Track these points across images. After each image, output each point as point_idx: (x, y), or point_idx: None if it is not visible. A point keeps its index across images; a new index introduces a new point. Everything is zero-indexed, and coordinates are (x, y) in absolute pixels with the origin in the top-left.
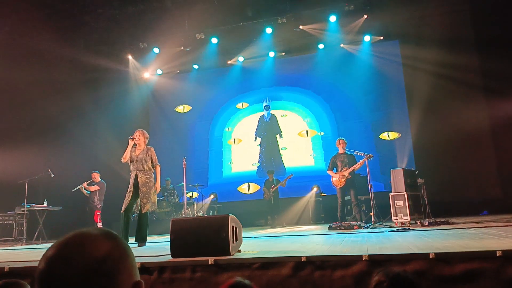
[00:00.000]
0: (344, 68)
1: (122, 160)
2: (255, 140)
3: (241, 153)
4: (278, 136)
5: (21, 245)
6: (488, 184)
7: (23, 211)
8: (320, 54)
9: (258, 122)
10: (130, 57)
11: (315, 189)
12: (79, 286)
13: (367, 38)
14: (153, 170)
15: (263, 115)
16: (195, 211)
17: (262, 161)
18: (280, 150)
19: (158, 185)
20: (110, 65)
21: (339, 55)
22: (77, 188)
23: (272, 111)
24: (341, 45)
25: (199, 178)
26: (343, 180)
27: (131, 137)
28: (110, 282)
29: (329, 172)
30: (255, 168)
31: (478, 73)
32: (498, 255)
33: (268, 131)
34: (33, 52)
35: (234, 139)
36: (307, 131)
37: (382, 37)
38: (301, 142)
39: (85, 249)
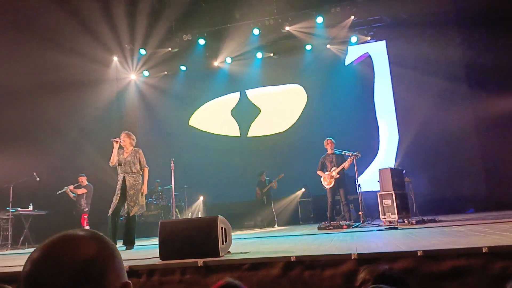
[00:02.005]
0: (331, 69)
1: (110, 164)
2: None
3: None
4: None
5: (6, 250)
6: (474, 182)
7: (8, 215)
8: (308, 55)
9: None
10: (116, 58)
11: (302, 190)
12: None
13: (353, 39)
14: (141, 173)
15: None
16: (184, 213)
17: None
18: None
19: (145, 187)
20: (96, 67)
21: (326, 56)
22: (62, 190)
23: None
24: (328, 46)
25: (189, 180)
26: (332, 180)
27: (114, 139)
28: (98, 284)
29: (318, 172)
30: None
31: (462, 70)
32: (484, 251)
33: None
34: (16, 54)
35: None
36: None
37: (369, 38)
38: None
39: (72, 251)
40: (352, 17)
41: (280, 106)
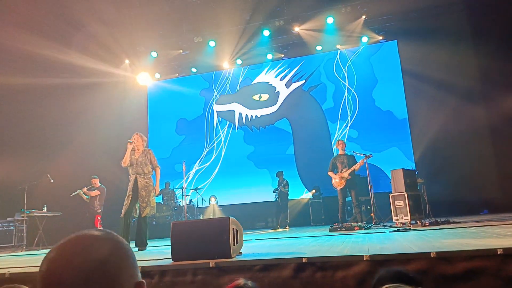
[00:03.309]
0: (342, 69)
1: (122, 165)
2: None
3: None
4: None
5: (21, 251)
6: (488, 183)
7: (23, 217)
8: (318, 56)
9: None
10: (127, 61)
11: (313, 191)
12: (81, 287)
13: (364, 39)
14: (152, 173)
15: None
16: (195, 215)
17: None
18: None
19: (157, 187)
20: (108, 70)
21: (337, 56)
22: (76, 193)
23: None
24: (339, 46)
25: (201, 181)
26: (343, 181)
27: (129, 140)
28: (112, 283)
29: (329, 173)
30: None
31: (476, 71)
32: (499, 253)
33: None
34: (29, 57)
35: None
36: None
37: (381, 37)
38: None
39: (86, 250)
40: (364, 17)
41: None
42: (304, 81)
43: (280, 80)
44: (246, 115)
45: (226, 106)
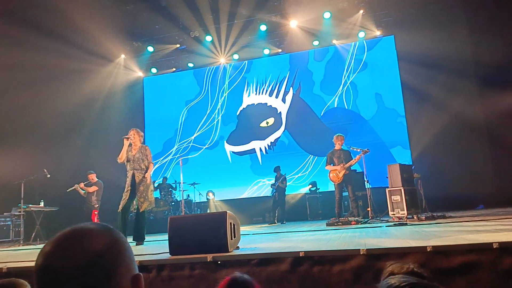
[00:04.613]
0: (339, 64)
1: (119, 160)
2: None
3: None
4: None
5: (19, 246)
6: (484, 178)
7: (20, 212)
8: (315, 51)
9: None
10: (123, 56)
11: (309, 186)
12: (78, 280)
13: (361, 34)
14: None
15: None
16: (193, 209)
17: None
18: None
19: (148, 176)
20: (104, 65)
21: (334, 51)
22: (72, 188)
23: None
24: (335, 42)
25: (197, 176)
26: (340, 175)
27: (125, 136)
28: (109, 276)
29: (327, 167)
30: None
31: (473, 67)
32: (494, 247)
33: None
34: (25, 54)
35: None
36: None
37: (378, 32)
38: None
39: (83, 243)
40: (362, 11)
41: None
42: (298, 88)
43: (275, 97)
44: (265, 146)
45: (244, 147)
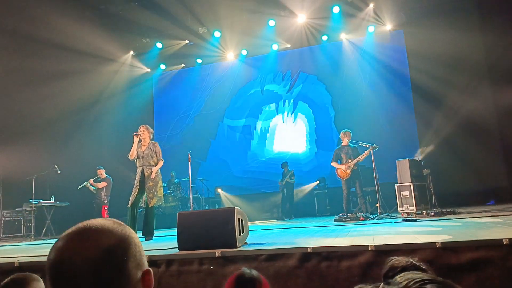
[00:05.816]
0: (348, 60)
1: (130, 157)
2: None
3: None
4: None
5: (30, 240)
6: (495, 173)
7: (31, 207)
8: (324, 46)
9: None
10: (132, 52)
11: (317, 182)
12: (89, 275)
13: (371, 29)
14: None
15: None
16: (201, 205)
17: None
18: None
19: (155, 170)
20: (113, 61)
21: (343, 46)
22: (83, 185)
23: None
24: (345, 36)
25: (206, 173)
26: (348, 171)
27: (135, 133)
28: (119, 271)
29: (333, 164)
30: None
31: (484, 62)
32: (505, 243)
33: None
34: (35, 51)
35: None
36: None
37: (388, 27)
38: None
39: (95, 239)
40: (372, 5)
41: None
42: (305, 83)
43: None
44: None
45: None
